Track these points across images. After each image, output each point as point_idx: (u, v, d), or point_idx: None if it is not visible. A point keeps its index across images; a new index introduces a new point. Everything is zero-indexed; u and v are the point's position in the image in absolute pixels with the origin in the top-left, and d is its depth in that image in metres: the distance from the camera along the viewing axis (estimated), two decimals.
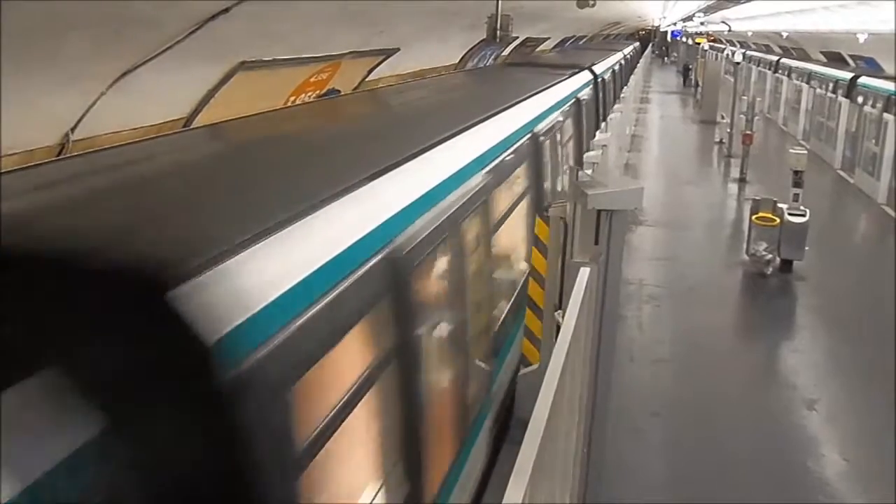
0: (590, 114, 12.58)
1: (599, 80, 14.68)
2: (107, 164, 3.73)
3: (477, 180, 5.15)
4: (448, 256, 4.39)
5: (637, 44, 43.84)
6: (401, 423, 3.52)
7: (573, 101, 10.88)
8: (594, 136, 11.02)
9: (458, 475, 4.61)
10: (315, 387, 2.61)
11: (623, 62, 23.07)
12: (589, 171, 7.70)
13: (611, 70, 17.75)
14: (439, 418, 4.20)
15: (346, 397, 2.88)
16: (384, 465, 3.42)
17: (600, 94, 14.59)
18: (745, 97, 21.66)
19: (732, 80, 25.96)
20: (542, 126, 7.88)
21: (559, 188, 7.68)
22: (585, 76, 13.43)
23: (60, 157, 5.36)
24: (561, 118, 9.23)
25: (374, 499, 3.28)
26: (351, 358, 3.03)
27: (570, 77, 11.88)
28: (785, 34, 30.10)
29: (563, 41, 26.54)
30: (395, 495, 3.46)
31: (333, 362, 2.75)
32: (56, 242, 2.25)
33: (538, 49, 22.28)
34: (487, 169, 5.50)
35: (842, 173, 19.91)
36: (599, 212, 4.71)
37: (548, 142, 8.04)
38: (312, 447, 2.54)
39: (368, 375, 3.12)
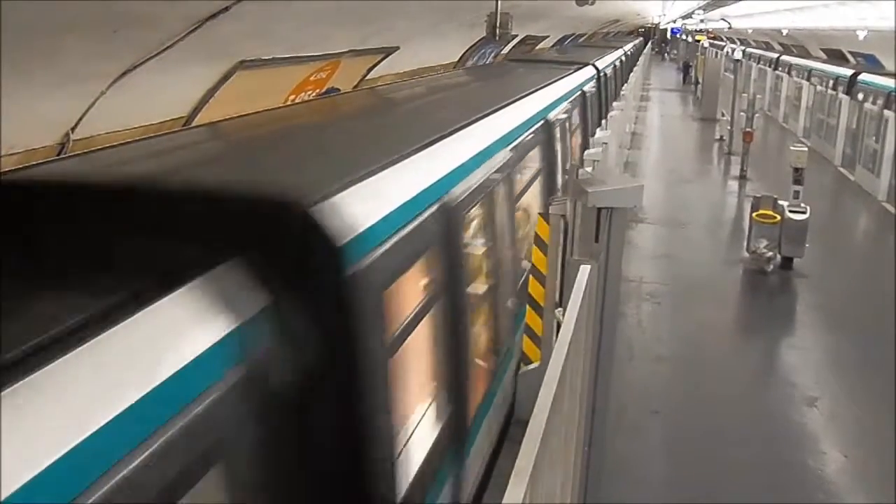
0: (594, 104, 13.40)
1: (602, 74, 15.26)
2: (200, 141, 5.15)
3: (503, 155, 6.18)
4: (488, 207, 5.50)
5: (639, 39, 44.20)
6: (462, 323, 4.67)
7: (579, 93, 11.77)
8: (599, 121, 12.80)
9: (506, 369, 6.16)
10: (405, 284, 3.72)
11: (623, 58, 23.82)
12: (589, 169, 7.73)
13: (612, 66, 18.32)
14: (494, 317, 5.63)
15: (425, 296, 4.06)
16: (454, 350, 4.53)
17: (603, 89, 15.27)
18: (745, 94, 21.64)
19: (732, 77, 25.96)
20: (552, 114, 8.99)
21: (568, 164, 8.97)
22: (590, 70, 14.07)
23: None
24: (569, 107, 10.40)
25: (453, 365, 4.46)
26: (426, 269, 4.13)
27: (575, 71, 12.70)
28: (785, 31, 30.05)
29: (563, 39, 26.52)
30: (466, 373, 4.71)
31: (416, 270, 3.93)
32: (233, 182, 3.30)
33: (538, 47, 22.27)
34: (511, 146, 6.53)
35: (842, 170, 19.91)
36: (599, 209, 4.72)
37: (558, 127, 9.17)
38: (406, 325, 3.69)
39: (442, 282, 4.27)
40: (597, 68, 14.68)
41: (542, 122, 8.19)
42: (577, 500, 4.38)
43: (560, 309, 5.23)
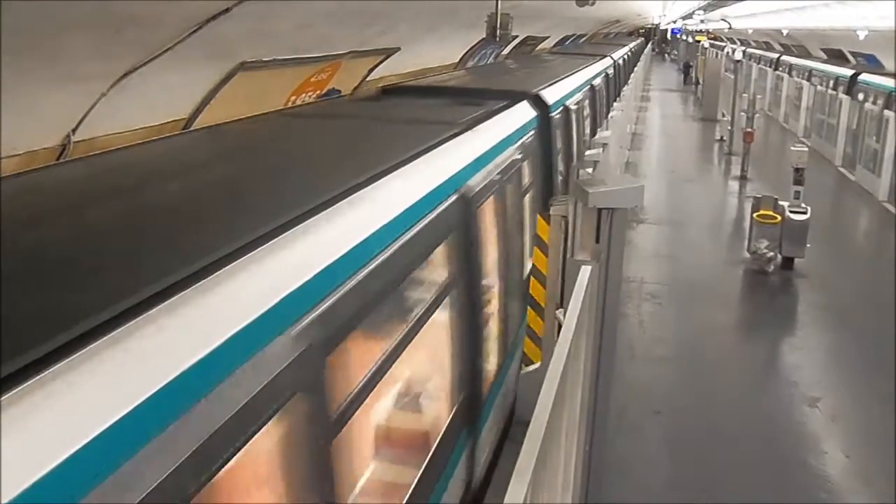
0: (613, 82, 18.70)
1: (618, 62, 21.26)
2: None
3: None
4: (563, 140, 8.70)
5: (640, 40, 45.37)
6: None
7: (605, 73, 16.70)
8: (616, 96, 18.13)
9: None
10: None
11: (629, 54, 29.14)
12: (590, 170, 7.73)
13: (623, 56, 24.01)
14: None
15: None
16: None
17: (617, 73, 20.35)
18: (745, 95, 21.64)
19: (733, 77, 25.95)
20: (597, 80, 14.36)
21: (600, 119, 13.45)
22: (608, 60, 18.66)
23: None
24: (601, 81, 15.16)
25: None
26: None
27: (599, 59, 17.34)
28: (785, 31, 30.05)
29: (563, 40, 26.52)
30: None
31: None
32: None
33: (538, 48, 22.27)
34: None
35: (843, 170, 19.91)
36: (600, 210, 4.72)
37: (602, 86, 14.92)
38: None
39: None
40: (613, 59, 19.81)
41: (593, 82, 13.56)
42: (579, 501, 4.38)
43: (561, 310, 5.23)
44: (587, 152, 9.70)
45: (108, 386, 1.85)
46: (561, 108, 8.98)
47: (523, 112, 7.51)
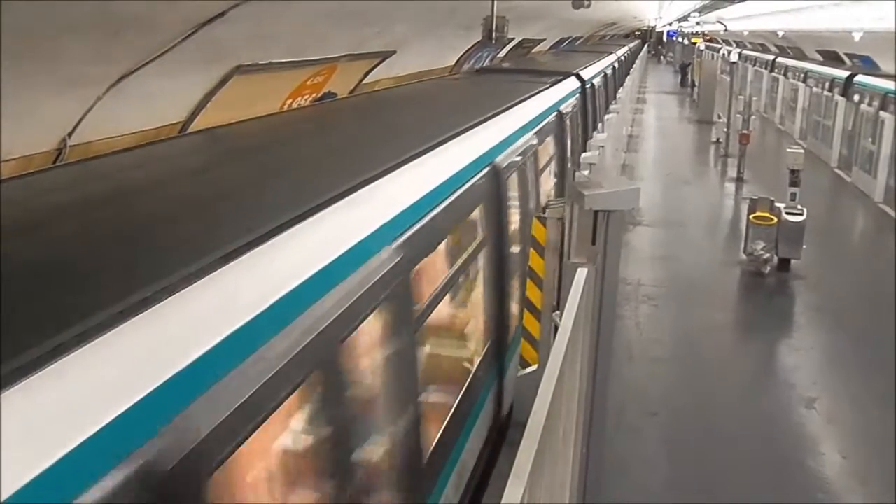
0: (622, 69, 25.87)
1: (621, 58, 27.06)
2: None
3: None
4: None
5: (637, 42, 47.06)
6: None
7: (617, 61, 23.67)
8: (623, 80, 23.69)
9: None
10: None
11: (628, 53, 34.85)
12: (586, 172, 7.75)
13: (623, 54, 30.16)
14: None
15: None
16: None
17: (621, 64, 26.29)
18: (741, 96, 21.68)
19: (729, 79, 26.02)
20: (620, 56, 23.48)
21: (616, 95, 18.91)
22: (614, 55, 24.12)
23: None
24: (616, 64, 22.48)
25: None
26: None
27: (610, 53, 23.47)
28: (781, 33, 30.13)
29: (559, 42, 26.57)
30: None
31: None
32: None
33: (534, 50, 22.30)
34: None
35: (839, 172, 19.95)
36: (596, 212, 4.72)
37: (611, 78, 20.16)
38: None
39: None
40: (617, 55, 25.41)
41: (607, 70, 18.54)
42: (576, 501, 4.39)
43: (557, 312, 5.23)
44: (583, 154, 10.34)
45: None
46: (590, 83, 13.92)
47: (572, 82, 12.34)
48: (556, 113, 9.52)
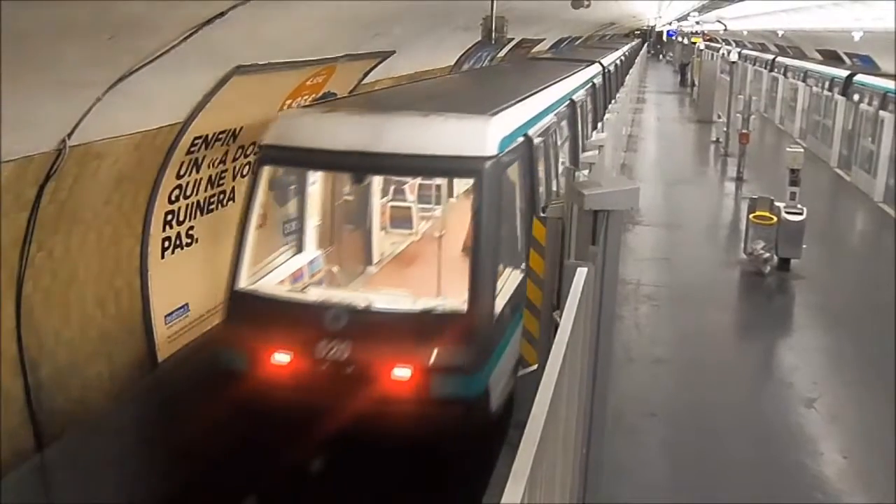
0: (628, 61, 32.38)
1: (625, 54, 32.36)
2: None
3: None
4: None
5: (637, 41, 49.04)
6: None
7: (623, 55, 29.91)
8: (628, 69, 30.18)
9: None
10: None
11: (630, 51, 39.34)
12: (585, 172, 7.76)
13: (627, 52, 35.65)
14: None
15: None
16: None
17: (626, 57, 32.54)
18: (741, 96, 21.68)
19: (728, 79, 26.02)
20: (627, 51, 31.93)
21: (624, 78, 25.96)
22: (619, 51, 28.97)
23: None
24: (625, 56, 30.82)
25: None
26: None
27: (618, 49, 29.63)
28: (780, 33, 30.15)
29: (559, 42, 26.58)
30: None
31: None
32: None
33: (534, 50, 22.31)
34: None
35: (839, 171, 19.94)
36: (596, 212, 4.73)
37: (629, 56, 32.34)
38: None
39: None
40: (623, 51, 31.19)
41: (618, 60, 25.40)
42: (575, 501, 4.39)
43: (557, 312, 5.24)
44: (583, 155, 11.13)
45: None
46: (607, 67, 19.63)
47: (597, 66, 17.86)
48: (591, 84, 15.55)
